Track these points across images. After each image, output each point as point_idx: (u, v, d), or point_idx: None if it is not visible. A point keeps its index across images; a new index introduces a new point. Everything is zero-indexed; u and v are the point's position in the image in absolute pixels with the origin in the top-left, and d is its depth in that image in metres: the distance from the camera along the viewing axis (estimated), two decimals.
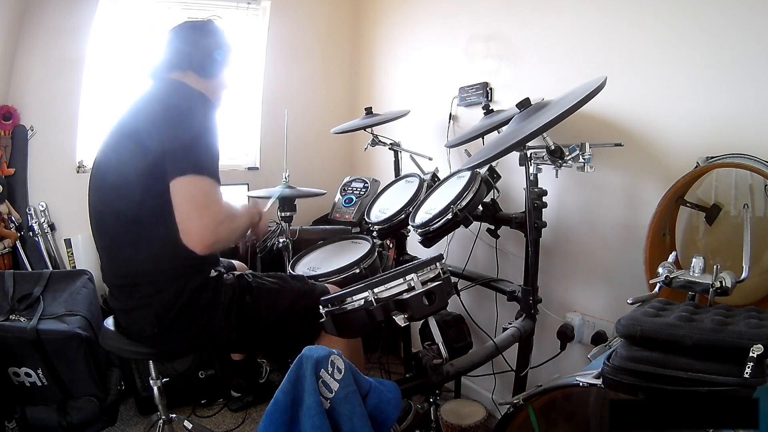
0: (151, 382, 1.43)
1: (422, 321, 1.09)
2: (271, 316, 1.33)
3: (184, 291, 1.21)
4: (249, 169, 2.83)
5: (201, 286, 1.24)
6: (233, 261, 1.63)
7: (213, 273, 1.28)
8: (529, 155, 1.41)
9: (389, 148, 2.25)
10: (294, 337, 1.32)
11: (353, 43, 3.00)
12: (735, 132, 1.28)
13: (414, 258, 2.03)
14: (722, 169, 1.24)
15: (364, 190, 2.20)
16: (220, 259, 1.41)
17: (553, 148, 1.31)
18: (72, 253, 2.34)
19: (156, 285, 1.21)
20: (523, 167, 1.43)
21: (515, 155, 1.45)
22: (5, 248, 2.15)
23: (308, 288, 1.41)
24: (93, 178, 1.29)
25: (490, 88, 1.99)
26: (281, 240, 2.06)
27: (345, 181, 2.30)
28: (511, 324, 1.49)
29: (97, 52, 2.37)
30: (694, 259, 1.01)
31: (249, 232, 1.36)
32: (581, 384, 0.94)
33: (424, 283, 1.08)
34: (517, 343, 1.50)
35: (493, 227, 1.67)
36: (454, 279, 1.60)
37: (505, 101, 1.94)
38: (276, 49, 2.78)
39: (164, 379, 1.49)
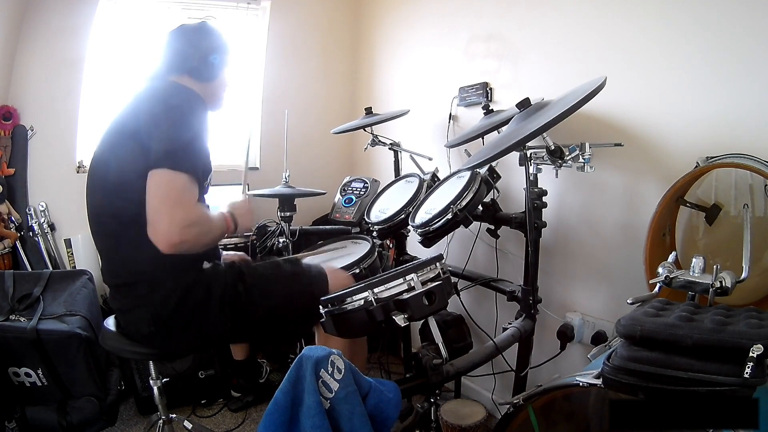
0: (151, 382, 1.43)
1: (422, 321, 1.08)
2: (265, 302, 1.30)
3: (177, 287, 1.21)
4: (249, 169, 2.83)
5: (194, 281, 1.23)
6: (231, 253, 1.59)
7: (206, 265, 1.27)
8: (529, 155, 1.41)
9: (389, 148, 2.25)
10: (292, 322, 1.30)
11: (353, 43, 3.00)
12: (735, 132, 1.28)
13: (414, 258, 2.03)
14: (722, 169, 1.24)
15: (364, 190, 2.20)
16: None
17: (553, 148, 1.31)
18: (72, 253, 2.33)
19: (152, 284, 1.21)
20: (523, 167, 1.43)
21: (515, 155, 1.45)
22: (5, 248, 2.15)
23: (301, 270, 1.39)
24: (91, 178, 1.28)
25: (490, 88, 1.99)
26: (281, 240, 2.06)
27: (345, 181, 2.30)
28: (511, 324, 1.49)
29: (97, 52, 2.37)
30: (694, 259, 1.01)
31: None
32: (581, 384, 0.95)
33: (424, 283, 1.08)
34: (517, 343, 1.50)
35: (493, 227, 1.67)
36: (454, 279, 1.60)
37: (505, 101, 1.94)
38: (276, 49, 2.78)
39: (164, 379, 1.49)
